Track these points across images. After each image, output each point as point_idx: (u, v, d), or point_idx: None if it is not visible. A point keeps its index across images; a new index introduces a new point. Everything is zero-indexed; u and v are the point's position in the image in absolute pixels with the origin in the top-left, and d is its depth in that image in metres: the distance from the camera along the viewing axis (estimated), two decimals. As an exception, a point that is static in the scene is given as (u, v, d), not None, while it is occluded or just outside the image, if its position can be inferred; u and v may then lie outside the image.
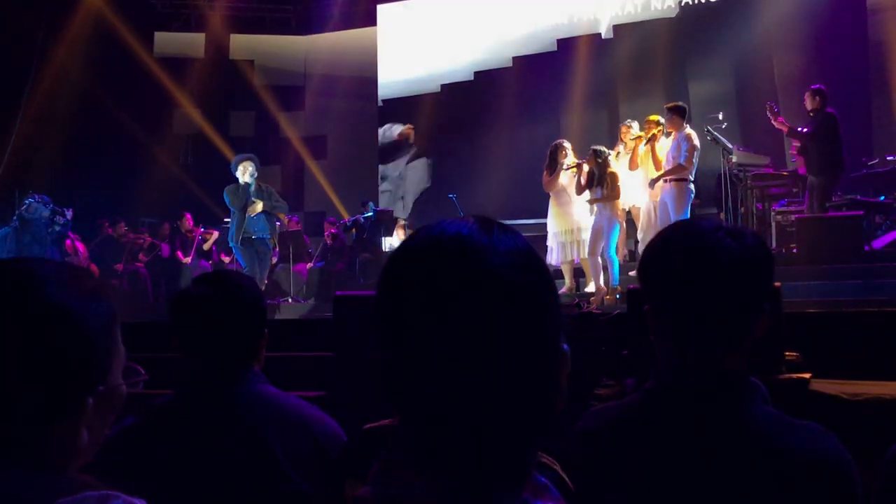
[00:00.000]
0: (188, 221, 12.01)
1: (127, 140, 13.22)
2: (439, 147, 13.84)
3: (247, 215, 8.73)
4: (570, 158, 8.47)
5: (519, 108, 13.20)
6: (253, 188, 8.80)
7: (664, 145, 8.32)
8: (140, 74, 13.76)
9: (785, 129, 8.85)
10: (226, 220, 12.98)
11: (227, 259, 11.88)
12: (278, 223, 12.80)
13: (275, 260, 10.98)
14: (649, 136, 8.42)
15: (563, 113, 12.91)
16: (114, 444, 1.70)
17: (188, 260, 11.57)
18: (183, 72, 14.48)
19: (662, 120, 8.43)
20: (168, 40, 15.01)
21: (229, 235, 9.04)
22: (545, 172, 8.63)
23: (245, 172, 8.69)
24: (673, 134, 8.19)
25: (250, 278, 2.14)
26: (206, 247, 12.03)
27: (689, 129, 8.19)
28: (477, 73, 14.15)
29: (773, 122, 8.91)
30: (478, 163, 13.18)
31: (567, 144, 8.62)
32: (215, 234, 11.97)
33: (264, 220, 8.98)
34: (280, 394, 1.92)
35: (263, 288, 9.12)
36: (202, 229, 12.08)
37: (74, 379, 1.01)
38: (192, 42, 15.12)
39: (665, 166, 8.14)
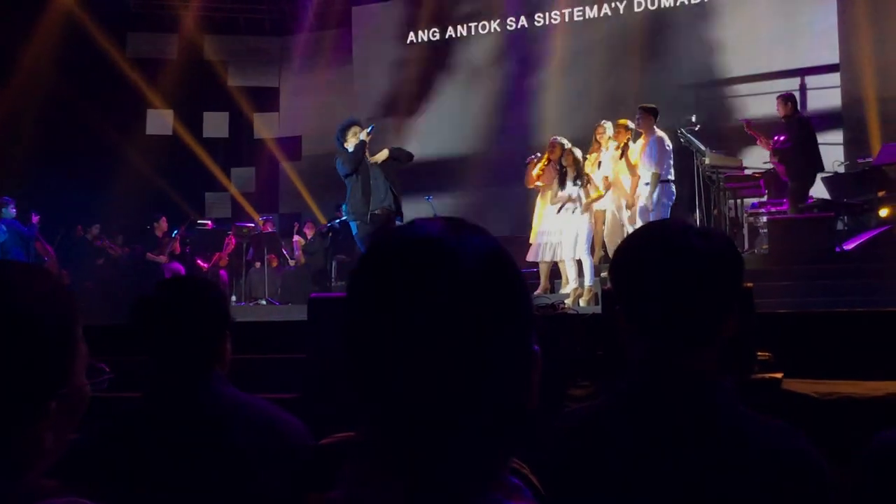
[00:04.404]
0: (164, 223, 11.87)
1: (99, 142, 13.06)
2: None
3: (371, 178, 7.17)
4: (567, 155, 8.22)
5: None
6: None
7: (635, 148, 8.29)
8: (112, 75, 13.63)
9: (769, 148, 8.88)
10: (200, 221, 12.91)
11: (203, 265, 11.77)
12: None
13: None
14: (623, 145, 8.30)
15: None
16: (80, 450, 1.69)
17: (163, 259, 11.39)
18: (156, 73, 14.35)
19: (631, 124, 8.40)
20: (141, 41, 14.87)
21: (345, 210, 7.39)
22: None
23: (360, 132, 7.28)
24: (644, 136, 8.19)
25: (212, 281, 2.14)
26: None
27: (659, 132, 8.19)
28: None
29: (759, 143, 9.04)
30: (454, 168, 13.19)
31: (562, 141, 8.33)
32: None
33: (386, 186, 7.34)
34: (243, 395, 1.93)
35: None
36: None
37: (34, 383, 0.99)
38: (166, 43, 14.99)
39: (640, 170, 8.13)
